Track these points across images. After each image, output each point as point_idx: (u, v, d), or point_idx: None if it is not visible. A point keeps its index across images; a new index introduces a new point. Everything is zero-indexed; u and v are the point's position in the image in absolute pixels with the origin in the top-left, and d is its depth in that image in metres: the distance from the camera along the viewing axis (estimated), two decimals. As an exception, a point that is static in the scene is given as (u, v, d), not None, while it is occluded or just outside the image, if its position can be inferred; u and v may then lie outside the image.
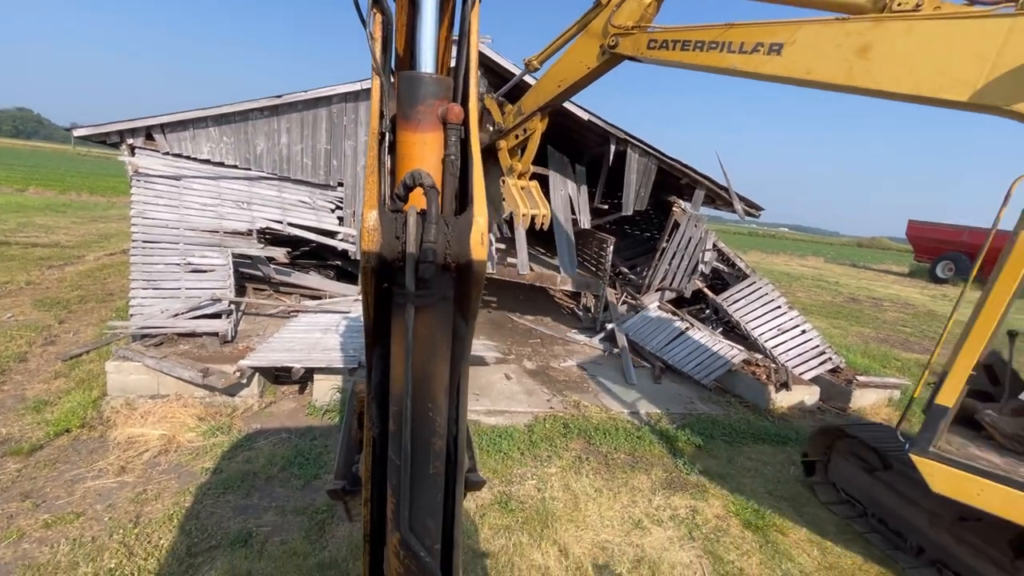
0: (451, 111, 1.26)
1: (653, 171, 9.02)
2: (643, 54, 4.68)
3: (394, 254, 1.11)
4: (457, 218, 1.17)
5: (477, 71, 1.46)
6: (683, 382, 7.67)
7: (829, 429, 5.09)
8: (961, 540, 3.78)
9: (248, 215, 7.73)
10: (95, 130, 7.49)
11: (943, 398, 3.48)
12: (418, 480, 1.23)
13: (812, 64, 3.73)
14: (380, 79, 1.34)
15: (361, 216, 1.16)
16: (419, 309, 1.13)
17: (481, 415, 5.87)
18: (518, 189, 6.18)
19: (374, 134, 1.28)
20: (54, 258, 12.06)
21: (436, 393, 1.22)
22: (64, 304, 8.44)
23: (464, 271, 1.15)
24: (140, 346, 5.39)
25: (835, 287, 21.47)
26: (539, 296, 11.77)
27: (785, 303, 8.52)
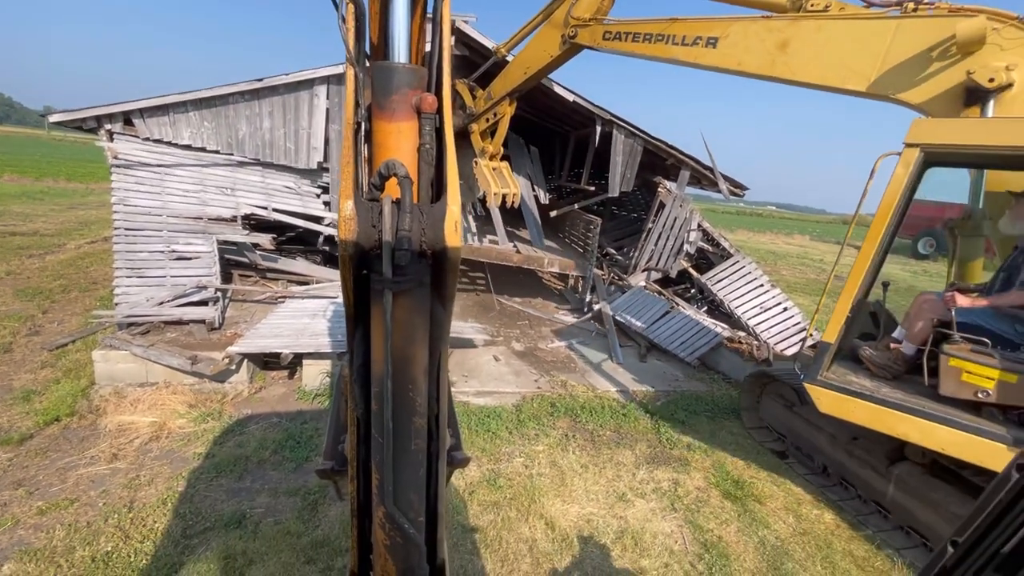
0: (425, 101, 1.28)
1: (639, 152, 9.05)
2: (599, 44, 5.10)
3: (371, 242, 1.14)
4: (432, 206, 1.20)
5: (451, 60, 1.48)
6: (668, 360, 7.83)
7: (758, 375, 5.90)
8: (852, 455, 4.60)
9: (232, 201, 7.65)
10: (71, 115, 7.31)
11: (827, 335, 4.20)
12: (400, 456, 1.27)
13: (741, 56, 4.21)
14: (354, 69, 1.34)
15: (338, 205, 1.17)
16: (396, 294, 1.16)
17: (470, 396, 5.97)
18: (490, 170, 6.53)
19: (349, 124, 1.28)
20: (34, 247, 11.83)
21: (415, 374, 1.26)
22: (47, 294, 8.34)
23: (439, 257, 1.19)
24: (127, 335, 5.38)
25: (819, 264, 21.79)
26: (527, 278, 11.83)
27: (768, 281, 8.68)
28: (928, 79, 3.44)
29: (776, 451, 5.45)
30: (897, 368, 4.30)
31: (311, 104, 7.78)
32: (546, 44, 5.47)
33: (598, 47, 5.21)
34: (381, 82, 1.28)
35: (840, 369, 4.37)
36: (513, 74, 5.86)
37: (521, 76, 5.75)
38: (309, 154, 7.90)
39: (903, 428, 3.81)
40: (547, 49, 5.47)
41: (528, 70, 5.68)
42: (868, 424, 3.97)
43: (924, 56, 3.42)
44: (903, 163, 3.68)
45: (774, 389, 5.72)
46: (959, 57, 3.30)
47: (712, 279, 8.86)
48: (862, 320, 4.77)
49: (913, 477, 4.15)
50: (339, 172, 8.24)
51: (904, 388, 4.10)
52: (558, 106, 9.74)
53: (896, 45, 3.51)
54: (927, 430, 3.70)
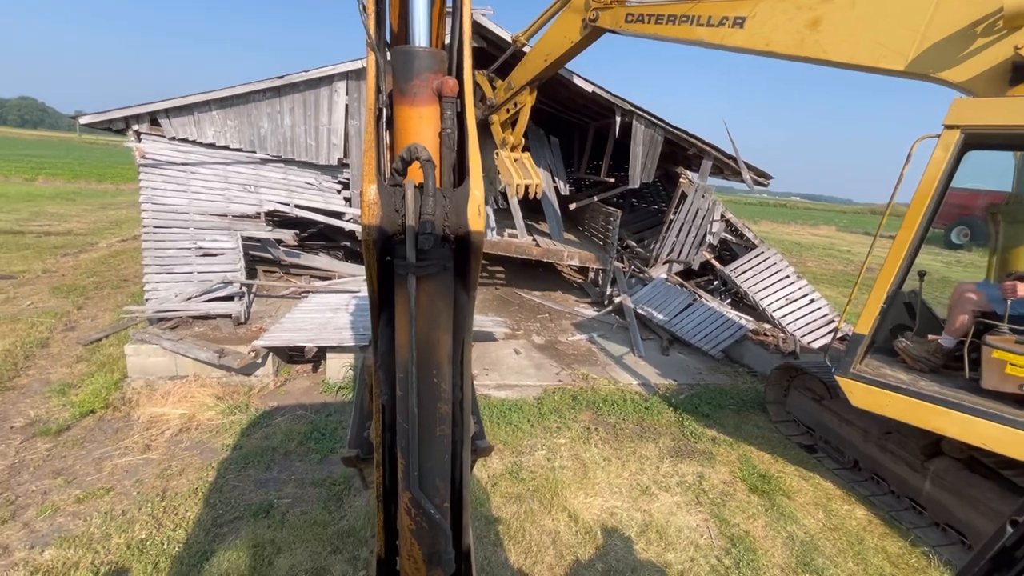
0: (446, 84, 1.27)
1: (659, 142, 8.89)
2: (621, 27, 4.98)
3: (394, 227, 1.14)
4: (455, 190, 1.19)
5: (471, 44, 1.47)
6: (691, 353, 7.71)
7: (785, 368, 5.77)
8: (885, 450, 4.46)
9: (255, 198, 7.77)
10: (100, 117, 7.50)
11: (860, 327, 4.04)
12: (426, 442, 1.27)
13: (770, 36, 4.05)
14: (375, 55, 1.34)
15: (360, 191, 1.16)
16: (420, 279, 1.15)
17: (491, 389, 5.97)
18: (512, 160, 6.44)
19: (371, 110, 1.29)
20: (68, 246, 12.24)
21: (440, 360, 1.26)
22: (81, 291, 8.62)
23: (463, 242, 1.18)
24: (157, 329, 5.52)
25: (847, 256, 21.20)
26: (546, 271, 11.79)
27: (793, 272, 8.46)
28: (971, 56, 3.26)
29: (804, 445, 5.32)
30: (935, 361, 4.14)
31: (331, 100, 7.84)
32: (566, 29, 5.38)
33: (620, 30, 5.08)
34: (402, 67, 1.28)
35: (873, 362, 4.24)
36: (533, 62, 5.78)
37: (541, 64, 5.65)
38: (329, 150, 7.97)
39: (941, 422, 3.67)
40: (567, 35, 5.37)
41: (548, 57, 5.58)
42: (903, 418, 3.83)
43: (967, 32, 3.24)
44: (942, 146, 3.52)
45: (802, 382, 5.58)
46: (1005, 32, 3.11)
47: (736, 271, 8.67)
48: (897, 311, 4.59)
49: (950, 473, 4.01)
50: (358, 167, 8.34)
51: (942, 381, 3.95)
52: (577, 98, 9.63)
53: (937, 21, 3.32)
54: (967, 424, 3.55)
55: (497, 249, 8.96)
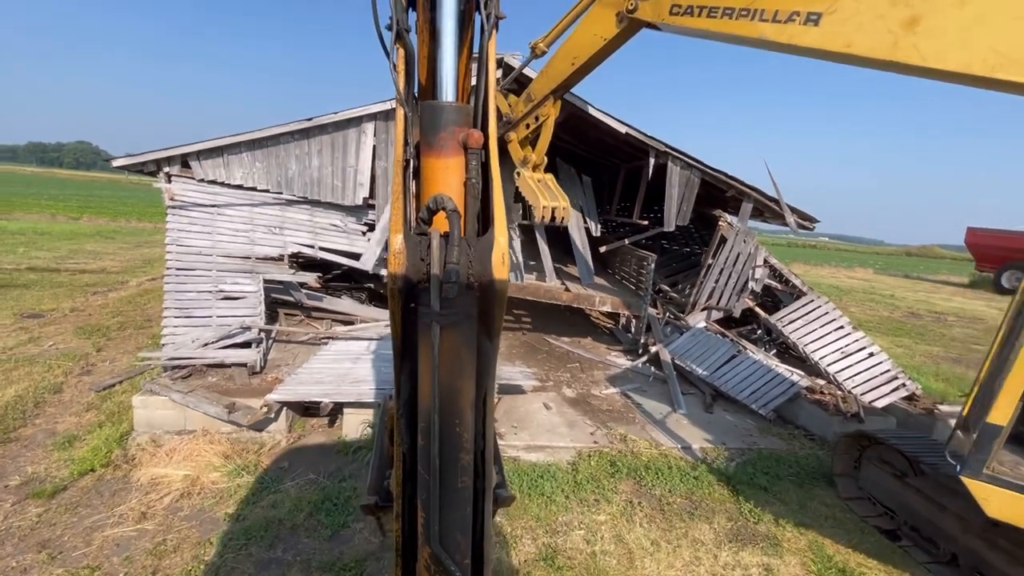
0: (471, 136, 1.33)
1: (696, 184, 8.50)
2: (665, 20, 4.25)
3: (419, 275, 1.16)
4: (479, 239, 1.22)
5: (495, 97, 1.51)
6: (737, 411, 7.03)
7: (856, 436, 5.08)
8: (995, 546, 3.75)
9: (280, 240, 7.62)
10: (133, 160, 7.56)
11: (996, 416, 3.27)
12: (447, 494, 1.26)
13: (852, 36, 3.35)
14: (404, 109, 1.40)
15: (388, 240, 1.20)
16: (444, 327, 1.17)
17: (520, 451, 5.43)
18: (535, 181, 5.77)
19: (398, 162, 1.33)
20: (99, 284, 12.39)
21: (463, 408, 1.26)
22: (104, 331, 8.52)
23: (487, 290, 1.20)
24: (167, 379, 5.23)
25: (891, 301, 20.10)
26: (575, 316, 11.30)
27: (848, 323, 7.78)
28: None
29: (884, 530, 4.57)
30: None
31: (359, 141, 7.76)
32: (598, 26, 4.68)
33: (662, 24, 4.32)
34: (429, 120, 1.34)
35: (1006, 456, 3.53)
36: (558, 67, 5.07)
37: (568, 68, 4.95)
38: (355, 191, 7.83)
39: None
40: (599, 31, 4.67)
41: (576, 60, 4.87)
42: None
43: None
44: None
45: (878, 453, 4.87)
46: None
47: (783, 320, 8.04)
48: None
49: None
50: (384, 208, 8.18)
51: None
52: (607, 138, 9.41)
53: None
54: None
55: (525, 293, 8.56)
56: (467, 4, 1.52)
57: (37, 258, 14.92)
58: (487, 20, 1.49)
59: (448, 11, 1.39)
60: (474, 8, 1.53)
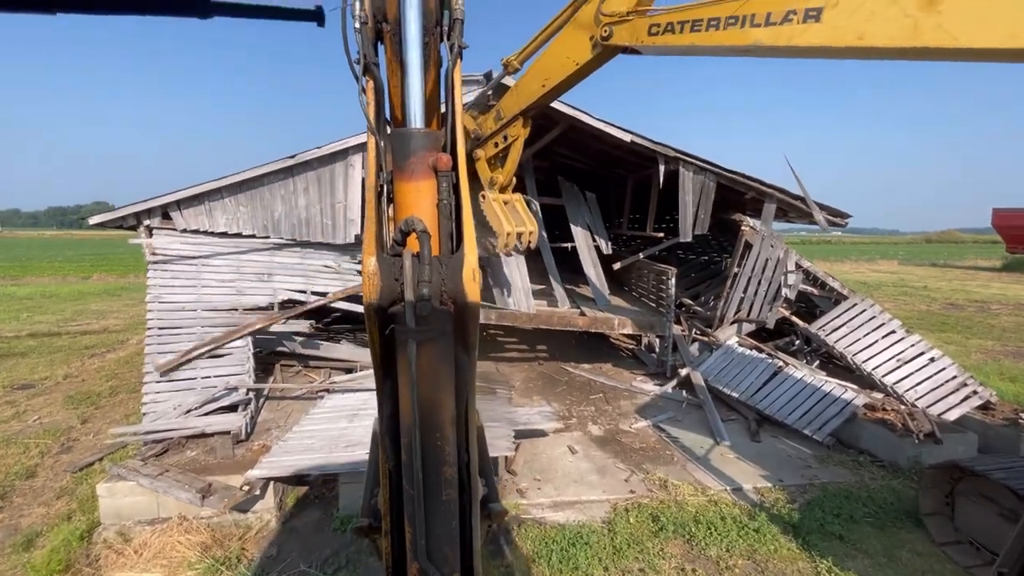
0: (440, 160, 1.42)
1: (712, 189, 7.86)
2: (644, 42, 3.92)
3: (394, 295, 1.24)
4: (451, 257, 1.30)
5: (463, 121, 1.67)
6: (788, 436, 6.22)
7: (947, 468, 4.31)
8: None
9: (269, 287, 7.10)
10: (110, 215, 7.19)
11: None
12: (432, 508, 1.31)
13: (863, 27, 3.01)
14: (375, 137, 1.49)
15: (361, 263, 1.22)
16: (421, 344, 1.22)
17: (546, 510, 4.69)
18: (500, 204, 5.47)
19: (371, 188, 1.43)
20: (99, 345, 12.00)
21: (443, 423, 1.31)
22: (94, 399, 8.02)
23: (460, 306, 1.27)
24: (137, 462, 4.61)
25: (925, 293, 19.02)
26: (593, 339, 10.56)
27: (900, 325, 6.97)
28: None
29: None
30: None
31: (346, 175, 7.28)
32: (571, 49, 4.38)
33: (641, 47, 4.00)
34: (400, 147, 1.45)
35: None
36: (528, 87, 4.77)
37: (539, 90, 4.66)
38: (346, 228, 7.31)
39: None
40: (572, 55, 4.37)
41: (548, 82, 4.58)
42: None
43: None
44: None
45: (976, 487, 4.05)
46: None
47: (825, 328, 7.24)
48: None
49: None
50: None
51: None
52: (611, 150, 8.86)
53: None
54: None
55: (537, 322, 7.90)
56: (431, 36, 1.60)
57: (40, 322, 14.68)
58: (451, 50, 1.58)
59: (412, 44, 1.47)
60: (438, 40, 1.62)
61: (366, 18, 1.53)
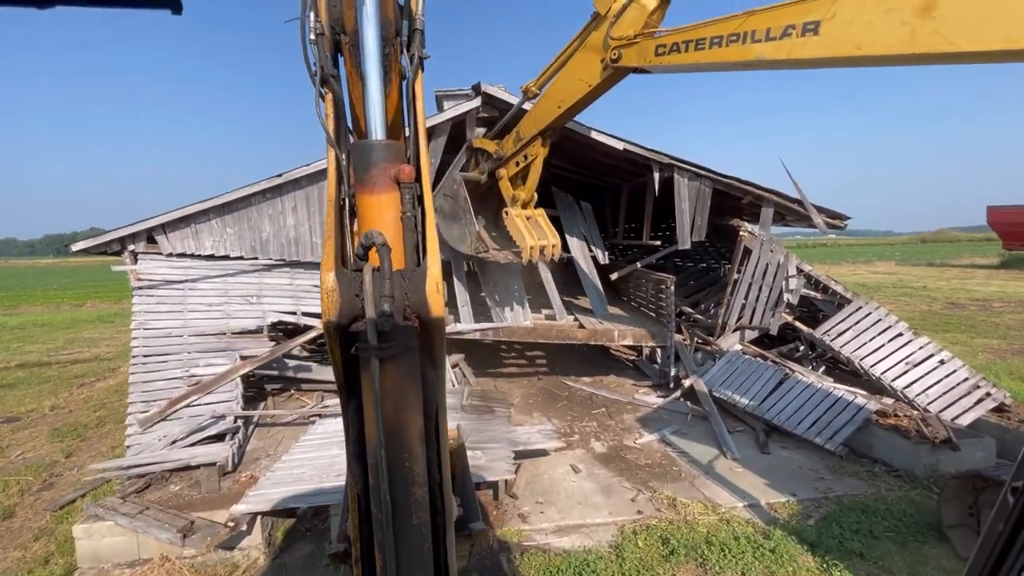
0: (402, 171, 1.39)
1: (708, 195, 7.74)
2: (652, 63, 4.19)
3: (355, 312, 1.20)
4: (413, 270, 1.26)
5: (426, 132, 1.58)
6: (798, 446, 6.00)
7: (970, 478, 4.11)
8: None
9: (258, 310, 6.90)
10: (94, 241, 7.01)
11: None
12: (402, 532, 1.26)
13: (861, 37, 3.11)
14: (335, 150, 1.47)
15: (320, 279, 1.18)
16: (384, 361, 1.20)
17: (550, 535, 4.46)
18: (523, 220, 5.90)
19: (331, 201, 1.39)
20: (89, 374, 11.75)
21: (411, 442, 1.28)
22: (80, 430, 7.76)
23: (424, 320, 1.23)
24: (116, 499, 4.37)
25: (925, 292, 18.91)
26: (593, 351, 10.36)
27: (907, 328, 6.80)
28: None
29: None
30: None
31: (336, 194, 7.14)
32: (583, 72, 4.67)
33: (650, 67, 4.23)
34: (360, 159, 1.41)
35: None
36: (545, 109, 5.13)
37: (555, 111, 5.00)
38: (338, 247, 7.15)
39: None
40: (584, 77, 4.66)
41: (563, 103, 4.91)
42: None
43: None
44: None
45: (998, 496, 3.83)
46: None
47: (830, 333, 7.08)
48: None
49: None
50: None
51: None
52: (604, 158, 8.75)
53: None
54: None
55: (535, 336, 7.72)
56: (392, 47, 1.57)
57: (30, 352, 14.41)
58: (411, 61, 1.58)
59: (371, 56, 1.44)
60: (399, 51, 1.59)
61: (322, 29, 1.51)
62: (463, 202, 6.36)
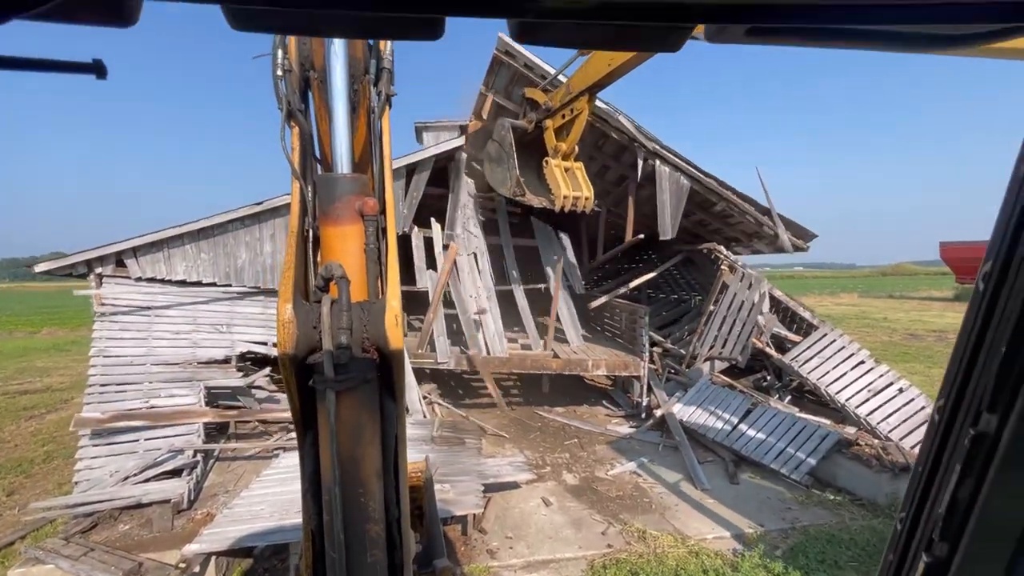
0: (367, 204, 1.42)
1: (685, 190, 7.72)
2: None
3: (312, 343, 1.19)
4: (372, 303, 1.26)
5: (391, 167, 1.63)
6: (766, 476, 6.08)
7: None
8: None
9: (227, 339, 6.75)
10: (59, 263, 6.80)
11: None
12: (356, 571, 1.23)
13: None
14: (299, 183, 1.51)
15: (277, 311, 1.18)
16: (341, 394, 1.19)
17: (519, 572, 4.37)
18: (561, 170, 6.14)
19: (293, 233, 1.41)
20: (39, 406, 11.13)
21: (366, 477, 1.26)
22: (25, 467, 7.29)
23: (384, 353, 1.24)
24: (59, 541, 4.11)
25: (885, 324, 19.65)
26: (567, 379, 10.37)
27: (868, 356, 7.05)
28: None
29: None
30: None
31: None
32: None
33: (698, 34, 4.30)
34: (325, 191, 1.43)
35: None
36: (596, 67, 5.29)
37: (605, 69, 5.16)
38: (310, 275, 7.10)
39: None
40: None
41: (613, 61, 5.06)
42: None
43: None
44: None
45: None
46: None
47: (798, 359, 7.28)
48: None
49: None
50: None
51: None
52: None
53: None
54: None
55: (509, 367, 7.72)
56: (361, 84, 1.64)
57: (-24, 383, 13.60)
58: (379, 97, 1.63)
59: (338, 94, 1.49)
60: (367, 87, 1.66)
61: (290, 66, 1.57)
62: (508, 147, 6.53)
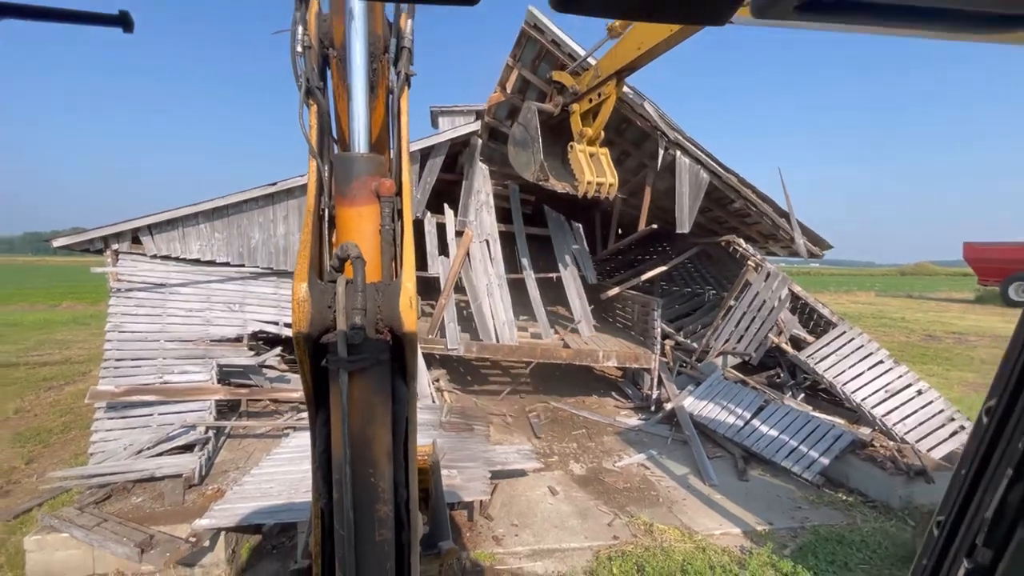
0: (383, 185, 1.40)
1: (704, 184, 7.52)
2: None
3: (326, 323, 1.19)
4: (388, 284, 1.25)
5: (408, 148, 1.62)
6: (776, 474, 6.00)
7: None
8: None
9: (239, 318, 6.79)
10: (77, 238, 6.87)
11: None
12: (364, 550, 1.23)
13: None
14: (316, 162, 1.50)
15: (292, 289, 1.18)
16: (353, 374, 1.19)
17: (523, 559, 4.37)
18: (586, 156, 6.05)
19: (310, 211, 1.40)
20: (58, 377, 11.41)
21: (377, 457, 1.26)
22: (44, 436, 7.48)
23: (397, 334, 1.23)
24: (73, 510, 4.20)
25: (903, 324, 19.26)
26: (578, 369, 10.33)
27: (888, 356, 6.89)
28: None
29: None
30: None
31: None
32: None
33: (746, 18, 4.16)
34: (342, 171, 1.41)
35: None
36: (625, 50, 5.21)
37: (634, 52, 5.09)
38: (323, 257, 7.10)
39: None
40: None
41: (643, 45, 4.98)
42: None
43: None
44: None
45: None
46: None
47: (814, 356, 7.13)
48: None
49: None
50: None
51: None
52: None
53: None
54: None
55: (520, 355, 7.69)
56: (380, 63, 1.60)
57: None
58: (398, 77, 1.60)
59: (357, 71, 1.46)
60: (387, 66, 1.62)
61: (310, 43, 1.55)
62: (533, 131, 6.44)
